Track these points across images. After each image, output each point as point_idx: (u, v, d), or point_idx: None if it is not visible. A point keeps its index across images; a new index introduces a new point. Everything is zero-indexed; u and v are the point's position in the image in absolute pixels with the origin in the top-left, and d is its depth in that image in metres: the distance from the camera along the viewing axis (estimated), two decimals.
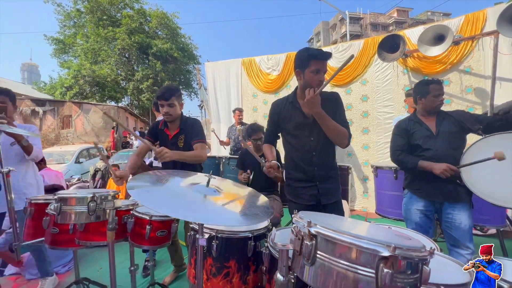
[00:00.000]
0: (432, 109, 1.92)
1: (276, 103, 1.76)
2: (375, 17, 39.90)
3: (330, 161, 1.66)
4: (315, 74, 1.51)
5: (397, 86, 4.05)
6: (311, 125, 1.59)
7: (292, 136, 1.66)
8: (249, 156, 3.02)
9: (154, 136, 2.12)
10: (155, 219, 1.39)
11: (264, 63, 5.16)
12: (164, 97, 1.91)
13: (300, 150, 1.63)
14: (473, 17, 3.55)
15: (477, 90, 3.61)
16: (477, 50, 3.53)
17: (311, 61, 1.50)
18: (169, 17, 21.42)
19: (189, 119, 2.12)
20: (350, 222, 0.87)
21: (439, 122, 1.89)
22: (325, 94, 1.59)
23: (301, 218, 0.68)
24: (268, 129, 1.81)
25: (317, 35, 44.88)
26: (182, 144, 2.02)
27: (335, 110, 1.59)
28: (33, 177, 2.25)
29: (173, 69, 21.28)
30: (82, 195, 1.17)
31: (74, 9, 19.91)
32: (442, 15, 40.00)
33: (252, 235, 1.24)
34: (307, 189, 1.62)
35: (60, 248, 1.60)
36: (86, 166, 9.13)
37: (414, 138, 1.93)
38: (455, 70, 3.70)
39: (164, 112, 1.94)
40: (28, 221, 1.83)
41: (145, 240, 1.38)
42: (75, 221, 1.16)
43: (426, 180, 1.87)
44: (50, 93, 18.75)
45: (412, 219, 1.97)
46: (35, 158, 2.11)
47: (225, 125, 5.28)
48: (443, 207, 1.86)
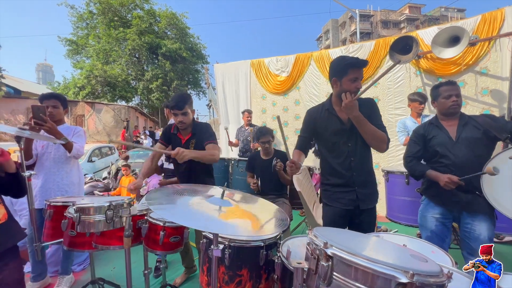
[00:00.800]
0: (446, 111, 1.82)
1: (312, 111, 1.80)
2: (385, 14, 39.03)
3: (368, 166, 1.69)
4: (352, 82, 1.54)
5: (410, 88, 3.97)
6: (348, 131, 1.62)
7: (330, 143, 1.69)
8: (258, 159, 3.04)
9: (167, 140, 2.18)
10: (169, 225, 1.43)
11: (273, 65, 5.15)
12: (178, 107, 1.95)
13: (338, 156, 1.66)
14: (490, 17, 3.43)
15: (493, 92, 3.50)
16: (494, 51, 3.42)
17: (349, 69, 1.54)
18: (178, 17, 21.64)
19: (200, 124, 2.17)
20: (367, 240, 0.86)
21: (460, 127, 1.77)
22: (360, 100, 1.62)
23: (316, 237, 0.69)
24: (301, 136, 1.82)
25: (326, 33, 44.31)
26: (193, 148, 2.07)
27: (371, 115, 1.61)
28: (77, 176, 2.40)
29: (182, 68, 21.51)
30: (99, 204, 1.22)
31: (87, 11, 20.37)
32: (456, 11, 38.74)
33: (264, 244, 1.25)
34: (346, 193, 1.65)
35: (77, 250, 1.66)
36: (98, 164, 9.36)
37: (432, 143, 1.83)
38: (471, 71, 3.59)
39: (178, 121, 1.99)
40: (47, 223, 1.90)
41: (159, 245, 1.42)
42: (94, 229, 1.21)
43: (443, 187, 1.78)
44: (64, 93, 19.28)
45: (427, 227, 1.90)
46: (76, 155, 2.24)
47: (234, 127, 5.31)
48: (462, 217, 1.78)
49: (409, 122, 3.14)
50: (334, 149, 1.68)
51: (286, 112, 5.18)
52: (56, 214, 1.87)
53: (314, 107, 1.83)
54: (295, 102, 5.09)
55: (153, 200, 0.95)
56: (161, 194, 1.07)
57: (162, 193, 1.08)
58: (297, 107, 5.09)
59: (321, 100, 4.70)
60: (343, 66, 1.56)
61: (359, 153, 1.64)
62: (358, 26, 8.96)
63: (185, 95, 2.05)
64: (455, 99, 1.78)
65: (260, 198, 1.37)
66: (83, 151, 2.32)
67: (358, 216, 1.67)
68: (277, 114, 2.06)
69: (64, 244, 1.69)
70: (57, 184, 2.28)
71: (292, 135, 5.12)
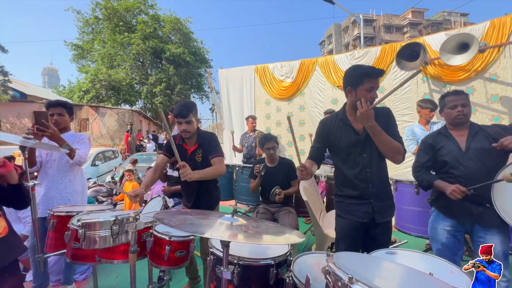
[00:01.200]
0: (452, 122, 1.79)
1: (325, 121, 1.76)
2: (388, 19, 39.10)
3: (384, 178, 1.63)
4: (368, 91, 1.50)
5: (417, 94, 3.91)
6: (363, 142, 1.58)
7: (344, 154, 1.64)
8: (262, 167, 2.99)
9: (171, 151, 2.10)
10: (175, 239, 1.38)
11: (277, 70, 5.13)
12: (181, 115, 1.92)
13: (353, 167, 1.61)
14: (499, 23, 3.38)
15: (503, 98, 3.43)
16: (503, 57, 3.36)
17: (364, 79, 1.49)
18: (182, 22, 21.87)
19: (205, 133, 2.13)
20: (392, 270, 0.80)
21: (470, 137, 1.72)
22: (376, 109, 1.57)
23: (337, 267, 0.64)
24: (314, 146, 1.78)
25: (329, 38, 44.46)
26: (200, 159, 2.03)
27: (387, 125, 1.56)
28: (80, 184, 2.37)
29: (185, 73, 21.66)
30: (105, 219, 1.18)
31: (93, 16, 20.68)
32: (460, 15, 38.66)
33: (274, 262, 1.20)
34: (361, 206, 1.59)
35: (80, 263, 1.62)
36: (101, 168, 9.37)
37: (441, 153, 1.79)
38: (480, 78, 3.53)
39: (183, 129, 1.96)
40: (50, 233, 1.87)
41: (164, 260, 1.38)
42: (100, 245, 1.18)
43: None
44: (69, 96, 19.49)
45: (438, 239, 1.84)
46: (78, 162, 2.20)
47: (238, 132, 5.28)
48: (474, 229, 1.71)
49: (417, 130, 3.08)
50: (348, 160, 1.63)
51: (291, 117, 5.14)
52: (60, 224, 1.84)
53: (328, 118, 1.79)
54: (300, 108, 5.05)
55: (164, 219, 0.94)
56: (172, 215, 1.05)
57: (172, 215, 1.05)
58: (302, 113, 5.05)
59: (326, 106, 4.66)
60: (358, 75, 1.51)
61: (374, 164, 1.58)
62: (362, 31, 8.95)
63: (189, 103, 2.02)
64: (460, 109, 1.74)
65: (268, 221, 1.32)
66: (86, 158, 2.28)
67: (373, 229, 1.60)
68: (288, 115, 2.03)
69: (67, 256, 1.65)
70: (60, 192, 2.25)
71: (297, 141, 5.08)
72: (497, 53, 3.38)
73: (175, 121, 2.00)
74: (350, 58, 4.44)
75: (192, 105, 2.01)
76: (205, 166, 1.97)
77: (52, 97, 20.16)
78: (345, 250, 1.58)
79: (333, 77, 4.60)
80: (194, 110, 1.99)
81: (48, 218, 1.90)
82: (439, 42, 3.62)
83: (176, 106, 2.04)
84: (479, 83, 3.55)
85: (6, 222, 1.37)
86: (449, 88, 3.66)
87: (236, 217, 1.10)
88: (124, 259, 1.39)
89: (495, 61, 3.41)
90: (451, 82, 3.66)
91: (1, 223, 1.33)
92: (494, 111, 3.48)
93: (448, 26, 36.27)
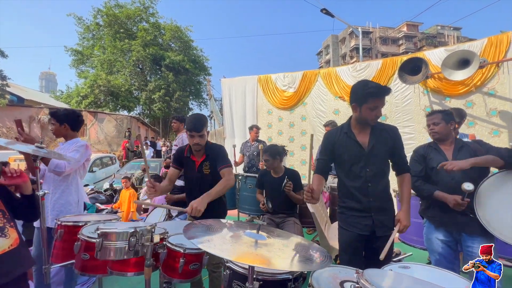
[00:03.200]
0: (434, 139, 1.99)
1: (330, 133, 1.77)
2: (384, 31, 40.13)
3: (385, 192, 1.66)
4: (372, 110, 1.53)
5: (418, 107, 4.00)
6: (367, 156, 1.60)
7: (347, 166, 1.66)
8: (268, 177, 2.99)
9: (180, 164, 2.13)
10: (189, 252, 1.37)
11: (280, 80, 5.21)
12: (196, 129, 1.92)
13: (355, 180, 1.63)
14: (497, 40, 3.52)
15: (502, 113, 3.53)
16: (502, 73, 3.48)
17: (369, 98, 1.52)
18: (182, 30, 22.16)
19: (213, 145, 2.13)
20: None
21: (456, 151, 1.88)
22: (385, 126, 1.65)
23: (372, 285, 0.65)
24: (320, 159, 1.79)
25: (326, 48, 45.32)
26: (208, 171, 2.03)
27: (394, 144, 1.64)
28: (75, 195, 2.24)
29: (185, 80, 21.79)
30: (122, 230, 1.17)
31: (94, 23, 20.84)
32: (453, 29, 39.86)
33: (292, 277, 1.20)
34: (362, 218, 1.62)
35: (90, 274, 1.59)
36: (99, 175, 9.27)
37: (430, 165, 1.93)
38: (479, 92, 3.64)
39: (195, 143, 1.96)
40: (57, 243, 1.83)
41: (177, 273, 1.36)
42: (115, 257, 1.16)
43: (439, 208, 1.84)
44: (67, 101, 19.39)
45: (434, 249, 1.91)
46: (54, 171, 2.04)
47: (240, 141, 5.30)
48: (462, 239, 1.80)
49: None
50: (351, 173, 1.65)
51: (292, 127, 5.19)
52: (66, 234, 1.80)
53: (332, 130, 1.81)
54: (302, 117, 5.11)
55: (196, 237, 0.94)
56: (198, 231, 1.06)
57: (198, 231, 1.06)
58: (304, 123, 5.10)
59: (328, 116, 4.72)
60: (364, 94, 1.54)
61: (377, 179, 1.61)
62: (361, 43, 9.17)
63: (202, 117, 2.04)
64: (432, 127, 1.97)
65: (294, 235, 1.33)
66: (68, 166, 2.08)
67: (374, 241, 1.62)
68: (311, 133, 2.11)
69: (76, 268, 1.62)
70: (53, 203, 2.16)
71: (298, 151, 5.11)
72: (495, 68, 3.50)
73: (187, 134, 1.99)
74: (352, 70, 4.54)
75: (205, 119, 2.04)
76: (213, 178, 1.98)
77: (49, 101, 20.04)
78: (348, 261, 1.60)
79: (335, 88, 4.69)
80: (206, 124, 2.03)
81: (54, 228, 1.87)
82: (438, 56, 3.74)
83: (189, 119, 2.03)
84: (478, 97, 3.65)
85: (17, 233, 1.35)
86: (449, 101, 3.75)
87: (261, 233, 1.11)
88: (137, 271, 1.37)
89: (493, 76, 3.52)
90: (451, 95, 3.76)
91: (13, 235, 1.31)
92: (493, 125, 3.57)
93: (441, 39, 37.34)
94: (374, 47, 38.12)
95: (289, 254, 1.06)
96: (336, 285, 1.13)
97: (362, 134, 1.65)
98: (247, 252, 0.94)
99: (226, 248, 0.96)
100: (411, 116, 4.05)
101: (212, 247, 0.90)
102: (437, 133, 1.95)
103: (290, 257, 1.04)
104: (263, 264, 0.88)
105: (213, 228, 1.14)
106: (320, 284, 1.10)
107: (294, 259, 1.02)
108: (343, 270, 1.29)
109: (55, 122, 2.26)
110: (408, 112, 4.08)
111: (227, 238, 1.05)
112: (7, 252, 1.22)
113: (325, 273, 1.23)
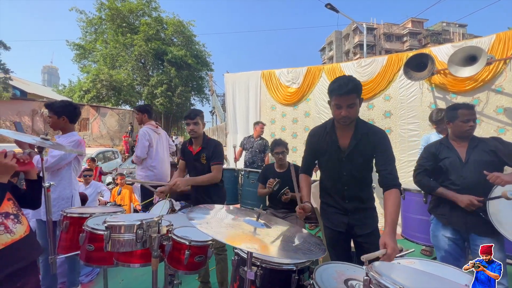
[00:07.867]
0: (460, 135, 1.85)
1: (315, 131, 1.71)
2: (388, 27, 39.65)
3: (362, 195, 1.60)
4: (337, 108, 1.44)
5: (423, 103, 3.96)
6: (345, 161, 1.53)
7: (326, 167, 1.64)
8: (272, 171, 3.00)
9: (183, 154, 2.43)
10: (194, 244, 1.38)
11: (284, 76, 5.17)
12: (190, 116, 2.23)
13: (333, 182, 1.61)
14: (505, 36, 3.45)
15: (508, 110, 3.48)
16: (509, 70, 3.42)
17: (332, 96, 1.45)
18: (185, 25, 21.99)
19: (211, 140, 2.35)
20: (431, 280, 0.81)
21: (470, 149, 1.80)
22: (373, 129, 1.54)
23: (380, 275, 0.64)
24: (305, 157, 1.76)
25: (330, 45, 44.91)
26: (205, 161, 2.26)
27: (376, 151, 1.49)
28: (68, 190, 2.25)
29: (187, 75, 21.72)
30: (130, 222, 1.18)
31: (96, 17, 20.74)
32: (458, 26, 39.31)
33: (296, 268, 1.20)
34: (338, 216, 1.61)
35: (94, 265, 1.61)
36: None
37: (443, 163, 1.86)
38: (486, 89, 3.58)
39: (190, 129, 2.24)
40: (63, 234, 1.86)
41: (183, 265, 1.37)
42: (123, 248, 1.17)
43: (449, 207, 1.81)
44: (69, 96, 19.43)
45: (440, 247, 1.90)
46: (37, 164, 1.86)
47: (242, 136, 5.29)
48: (471, 238, 1.78)
49: (434, 138, 3.11)
50: (329, 175, 1.64)
51: (296, 123, 5.17)
52: (72, 225, 1.82)
53: (317, 127, 1.73)
54: (305, 113, 5.08)
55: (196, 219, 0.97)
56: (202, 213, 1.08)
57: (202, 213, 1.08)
58: (307, 119, 5.07)
59: (330, 113, 4.68)
60: (328, 91, 1.48)
61: (353, 183, 1.56)
62: (366, 39, 9.08)
63: (197, 109, 2.36)
64: (472, 124, 1.81)
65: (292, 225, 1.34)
66: (55, 162, 2.09)
67: (357, 238, 1.61)
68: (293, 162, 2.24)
69: (81, 259, 1.64)
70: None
71: (301, 147, 5.09)
72: (503, 65, 3.44)
73: (185, 123, 2.30)
74: (356, 66, 4.49)
75: (199, 110, 2.33)
76: (209, 167, 2.23)
77: (52, 95, 20.09)
78: (335, 256, 1.61)
79: None
80: (200, 114, 2.29)
81: (60, 219, 1.89)
82: (445, 53, 3.69)
83: (186, 111, 2.40)
84: (485, 95, 3.60)
85: (27, 221, 1.38)
86: (456, 98, 3.71)
87: (261, 221, 1.11)
88: (143, 262, 1.39)
89: (501, 73, 3.46)
90: (457, 92, 3.72)
91: (25, 221, 1.35)
92: (500, 123, 3.53)
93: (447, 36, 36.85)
94: (378, 44, 37.73)
95: (285, 243, 1.07)
96: (340, 282, 1.13)
97: (344, 136, 1.56)
98: (243, 237, 0.96)
99: (222, 231, 0.99)
100: (416, 113, 4.01)
101: (208, 229, 0.93)
102: (473, 130, 1.83)
103: (286, 245, 1.05)
104: (259, 250, 0.91)
105: (215, 212, 1.16)
106: (323, 279, 1.10)
107: (289, 248, 1.04)
108: (351, 268, 1.28)
109: (52, 114, 2.25)
110: (413, 109, 4.04)
111: (226, 222, 1.08)
112: (23, 238, 1.29)
113: (331, 269, 1.23)
